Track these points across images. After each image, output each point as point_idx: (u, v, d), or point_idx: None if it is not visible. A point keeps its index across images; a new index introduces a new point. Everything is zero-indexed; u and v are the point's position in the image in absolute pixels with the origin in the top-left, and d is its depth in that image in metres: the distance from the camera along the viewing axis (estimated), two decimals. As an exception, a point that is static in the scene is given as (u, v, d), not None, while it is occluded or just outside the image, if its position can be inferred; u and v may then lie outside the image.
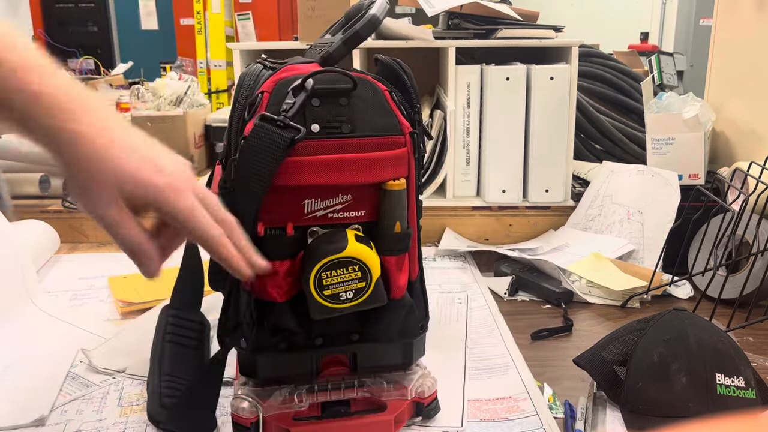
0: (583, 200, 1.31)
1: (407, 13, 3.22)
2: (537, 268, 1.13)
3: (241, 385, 0.67)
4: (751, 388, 0.69)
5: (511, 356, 0.86)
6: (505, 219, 1.32)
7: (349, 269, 0.59)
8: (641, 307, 1.03)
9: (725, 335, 0.75)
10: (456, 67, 1.29)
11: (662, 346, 0.72)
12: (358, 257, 0.59)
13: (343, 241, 0.59)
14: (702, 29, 4.22)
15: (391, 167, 0.61)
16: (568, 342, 0.92)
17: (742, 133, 1.34)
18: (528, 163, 1.31)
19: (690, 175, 1.24)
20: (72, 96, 0.50)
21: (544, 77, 1.26)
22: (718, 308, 0.94)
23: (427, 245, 1.29)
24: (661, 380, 0.70)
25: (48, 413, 0.72)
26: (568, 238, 1.24)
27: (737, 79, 1.38)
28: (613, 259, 1.13)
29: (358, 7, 0.67)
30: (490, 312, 1.00)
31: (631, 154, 1.48)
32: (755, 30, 1.29)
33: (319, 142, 0.59)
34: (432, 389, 0.71)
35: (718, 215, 1.06)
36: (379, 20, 0.65)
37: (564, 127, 1.29)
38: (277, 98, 0.60)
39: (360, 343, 0.66)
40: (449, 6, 1.35)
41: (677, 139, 1.24)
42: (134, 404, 0.75)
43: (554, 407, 0.75)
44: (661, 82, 2.91)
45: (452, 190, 1.36)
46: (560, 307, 1.02)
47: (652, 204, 1.20)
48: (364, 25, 0.64)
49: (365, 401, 0.68)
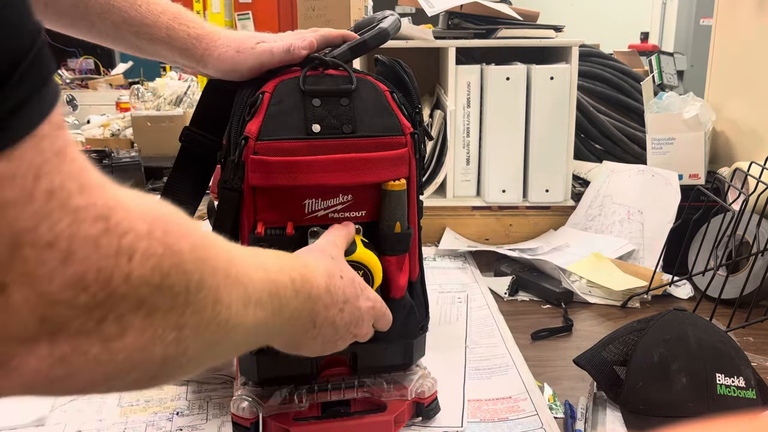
0: (583, 200, 1.31)
1: (407, 13, 3.22)
2: (537, 268, 1.13)
3: (241, 385, 0.67)
4: (751, 388, 0.69)
5: (511, 356, 0.86)
6: (505, 219, 1.32)
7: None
8: (641, 307, 1.03)
9: (725, 335, 0.75)
10: (456, 67, 1.29)
11: (662, 346, 0.72)
12: (365, 263, 0.60)
13: (351, 245, 0.59)
14: (702, 29, 4.23)
15: (391, 167, 0.62)
16: (568, 342, 0.92)
17: (742, 133, 1.34)
18: (528, 163, 1.31)
19: (690, 175, 1.24)
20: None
21: (544, 77, 1.26)
22: (718, 308, 0.94)
23: (427, 245, 1.29)
24: (661, 380, 0.70)
25: (48, 413, 0.72)
26: (568, 238, 1.24)
27: (737, 79, 1.38)
28: (613, 259, 1.13)
29: (369, 19, 0.68)
30: (490, 312, 1.00)
31: (631, 154, 1.48)
32: (755, 30, 1.29)
33: (320, 143, 0.59)
34: (432, 389, 0.71)
35: (718, 215, 1.06)
36: (389, 35, 0.65)
37: (564, 127, 1.29)
38: (278, 98, 0.60)
39: (360, 344, 0.66)
40: (449, 6, 1.35)
41: (677, 139, 1.24)
42: (134, 404, 0.75)
43: (554, 407, 0.75)
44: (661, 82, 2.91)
45: (452, 190, 1.36)
46: (560, 307, 1.02)
47: (652, 204, 1.20)
48: (373, 36, 0.64)
49: (365, 401, 0.68)
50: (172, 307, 0.32)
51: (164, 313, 0.32)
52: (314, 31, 0.68)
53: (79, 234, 0.28)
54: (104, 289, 0.29)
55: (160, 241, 0.31)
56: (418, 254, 0.69)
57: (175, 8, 0.67)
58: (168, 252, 0.32)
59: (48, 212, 0.27)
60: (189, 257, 0.33)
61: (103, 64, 3.98)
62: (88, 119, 2.26)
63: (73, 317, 0.28)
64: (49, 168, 0.27)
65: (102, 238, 0.29)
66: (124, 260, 0.29)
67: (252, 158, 0.58)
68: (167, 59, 0.68)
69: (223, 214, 0.61)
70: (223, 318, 0.36)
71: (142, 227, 0.31)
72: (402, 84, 0.68)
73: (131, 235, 0.30)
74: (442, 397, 0.72)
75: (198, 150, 0.70)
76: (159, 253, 0.31)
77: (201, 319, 0.34)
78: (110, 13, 0.64)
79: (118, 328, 0.30)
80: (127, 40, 0.66)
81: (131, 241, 0.30)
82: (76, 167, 0.28)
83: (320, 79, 0.62)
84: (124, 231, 0.29)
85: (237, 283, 0.38)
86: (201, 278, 0.34)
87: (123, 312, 0.30)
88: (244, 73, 0.66)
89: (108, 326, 0.29)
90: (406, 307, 0.67)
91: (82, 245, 0.28)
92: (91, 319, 0.29)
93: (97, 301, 0.29)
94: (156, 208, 0.33)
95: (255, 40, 0.66)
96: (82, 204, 0.28)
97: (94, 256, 0.28)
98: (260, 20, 3.37)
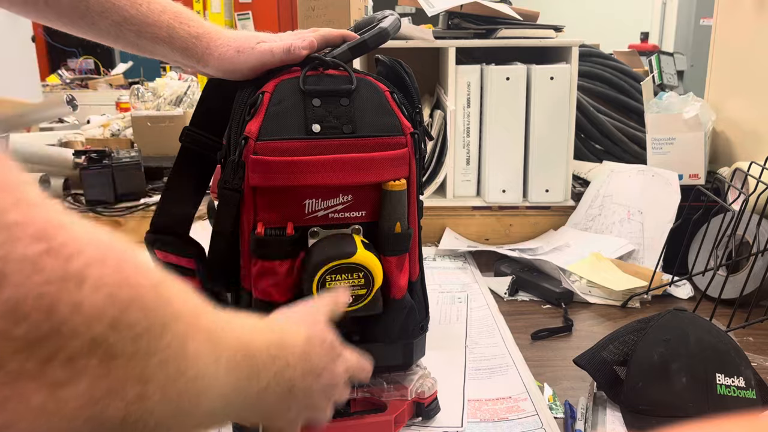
0: (583, 200, 1.31)
1: (407, 13, 3.22)
2: (537, 268, 1.13)
3: (242, 385, 0.67)
4: (751, 388, 0.69)
5: (511, 356, 0.86)
6: (505, 219, 1.32)
7: (354, 275, 0.59)
8: (641, 307, 1.03)
9: (725, 335, 0.75)
10: (456, 67, 1.29)
11: (662, 346, 0.72)
12: (365, 265, 0.59)
13: (352, 247, 0.59)
14: (702, 29, 4.23)
15: (391, 168, 0.62)
16: (568, 342, 0.92)
17: (742, 133, 1.34)
18: (528, 163, 1.31)
19: (690, 175, 1.24)
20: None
21: (544, 77, 1.26)
22: (718, 308, 0.94)
23: (427, 245, 1.29)
24: (661, 380, 0.70)
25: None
26: (568, 238, 1.24)
27: (737, 79, 1.38)
28: (613, 259, 1.13)
29: (369, 19, 0.68)
30: (490, 312, 1.00)
31: (631, 154, 1.48)
32: (755, 30, 1.29)
33: (320, 143, 0.59)
34: (432, 389, 0.71)
35: (718, 215, 1.06)
36: (389, 35, 0.65)
37: (564, 127, 1.29)
38: (278, 98, 0.60)
39: (360, 344, 0.66)
40: (449, 6, 1.35)
41: (677, 139, 1.24)
42: (134, 404, 0.75)
43: (554, 407, 0.75)
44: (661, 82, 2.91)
45: (452, 190, 1.36)
46: (560, 307, 1.02)
47: (652, 204, 1.20)
48: (372, 36, 0.64)
49: (365, 401, 0.68)
50: (134, 353, 0.27)
51: (126, 360, 0.27)
52: (314, 31, 0.68)
53: (13, 253, 0.23)
54: (47, 319, 0.24)
55: (116, 270, 0.27)
56: (418, 254, 0.69)
57: (176, 7, 0.67)
58: (125, 283, 0.27)
59: None
60: (150, 294, 0.28)
61: (103, 64, 3.98)
62: (88, 119, 2.26)
63: (11, 353, 0.24)
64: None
65: (43, 259, 0.24)
66: (71, 286, 0.25)
67: (252, 158, 0.58)
68: (168, 58, 0.67)
69: (223, 214, 0.61)
70: (192, 375, 0.31)
71: (92, 252, 0.26)
72: (402, 84, 0.68)
73: (80, 259, 0.25)
74: (442, 397, 0.72)
75: (198, 150, 0.70)
76: (115, 282, 0.26)
77: (167, 375, 0.29)
78: (111, 12, 0.64)
79: (68, 373, 0.25)
80: (127, 39, 0.66)
81: (80, 267, 0.25)
82: (9, 179, 0.24)
83: (320, 79, 0.62)
84: (70, 254, 0.25)
85: (206, 335, 0.33)
86: (164, 322, 0.29)
87: (74, 353, 0.25)
88: (245, 72, 0.66)
89: (55, 369, 0.25)
90: (406, 308, 0.67)
91: (18, 267, 0.23)
92: (33, 358, 0.24)
93: (39, 334, 0.24)
94: (109, 239, 0.28)
95: (255, 39, 0.66)
96: (17, 220, 0.24)
97: (33, 279, 0.24)
98: (260, 20, 3.37)
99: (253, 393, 0.39)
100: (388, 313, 0.65)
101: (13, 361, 0.24)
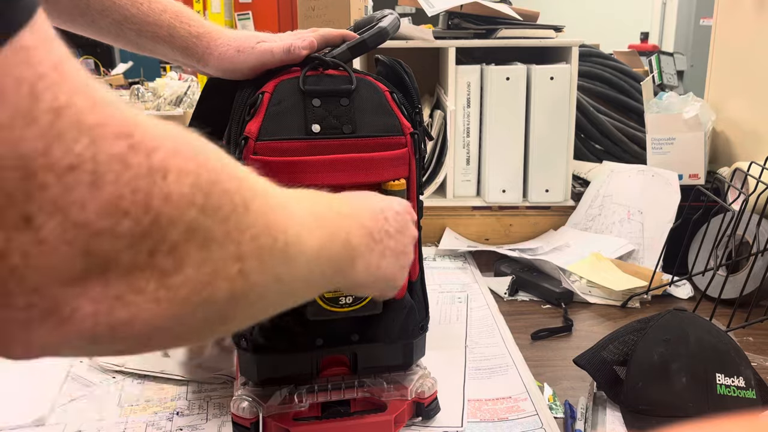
0: (583, 200, 1.31)
1: (407, 13, 3.22)
2: (537, 268, 1.13)
3: (242, 385, 0.67)
4: (751, 388, 0.70)
5: (511, 356, 0.86)
6: (505, 219, 1.32)
7: None
8: (641, 307, 1.03)
9: (725, 335, 0.75)
10: (456, 67, 1.29)
11: (662, 346, 0.72)
12: None
13: None
14: (702, 29, 4.23)
15: (391, 168, 0.62)
16: (568, 342, 0.92)
17: (742, 133, 1.34)
18: (528, 163, 1.31)
19: (690, 175, 1.24)
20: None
21: (544, 77, 1.26)
22: (718, 308, 0.94)
23: (427, 245, 1.29)
24: (661, 380, 0.70)
25: (48, 413, 0.72)
26: (568, 238, 1.24)
27: (737, 79, 1.38)
28: (613, 259, 1.13)
29: (369, 18, 0.68)
30: (490, 312, 1.00)
31: (631, 154, 1.48)
32: (755, 30, 1.29)
33: (320, 143, 0.59)
34: (432, 389, 0.71)
35: (718, 215, 1.06)
36: (389, 34, 0.65)
37: (564, 127, 1.29)
38: (278, 98, 0.60)
39: (360, 344, 0.66)
40: (449, 6, 1.35)
41: (677, 139, 1.24)
42: (134, 404, 0.75)
43: (554, 407, 0.75)
44: (661, 82, 2.91)
45: (452, 190, 1.36)
46: (560, 307, 1.02)
47: (652, 204, 1.20)
48: (372, 35, 0.64)
49: (365, 401, 0.68)
50: (227, 234, 0.29)
51: (221, 241, 0.29)
52: (314, 31, 0.68)
53: (101, 154, 0.24)
54: (146, 213, 0.25)
55: (191, 158, 0.28)
56: (418, 254, 0.69)
57: (177, 7, 0.67)
58: (204, 170, 0.28)
59: (59, 133, 0.23)
60: (225, 176, 0.30)
61: (103, 64, 3.98)
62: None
63: (121, 249, 0.25)
64: (48, 84, 0.23)
65: (129, 156, 0.25)
66: (158, 178, 0.26)
67: (252, 158, 0.58)
68: (168, 57, 0.68)
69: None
70: (281, 243, 0.33)
71: (169, 145, 0.27)
72: (402, 84, 0.68)
73: (160, 152, 0.26)
74: (442, 397, 0.72)
75: None
76: (193, 170, 0.27)
77: (261, 248, 0.31)
78: (111, 11, 0.64)
79: (174, 261, 0.27)
80: (128, 38, 0.66)
81: (162, 159, 0.26)
82: (81, 83, 0.25)
83: (320, 79, 0.62)
84: (150, 148, 0.26)
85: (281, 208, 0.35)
86: (245, 200, 0.31)
87: (174, 242, 0.27)
88: (245, 72, 0.66)
89: (162, 259, 0.27)
90: (406, 308, 0.67)
91: (109, 165, 0.24)
92: (141, 251, 0.26)
93: (142, 228, 0.25)
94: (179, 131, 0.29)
95: (255, 39, 0.66)
96: (97, 121, 0.25)
97: (125, 175, 0.25)
98: (260, 20, 3.37)
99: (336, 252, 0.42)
100: (388, 313, 0.65)
101: (124, 257, 0.25)
